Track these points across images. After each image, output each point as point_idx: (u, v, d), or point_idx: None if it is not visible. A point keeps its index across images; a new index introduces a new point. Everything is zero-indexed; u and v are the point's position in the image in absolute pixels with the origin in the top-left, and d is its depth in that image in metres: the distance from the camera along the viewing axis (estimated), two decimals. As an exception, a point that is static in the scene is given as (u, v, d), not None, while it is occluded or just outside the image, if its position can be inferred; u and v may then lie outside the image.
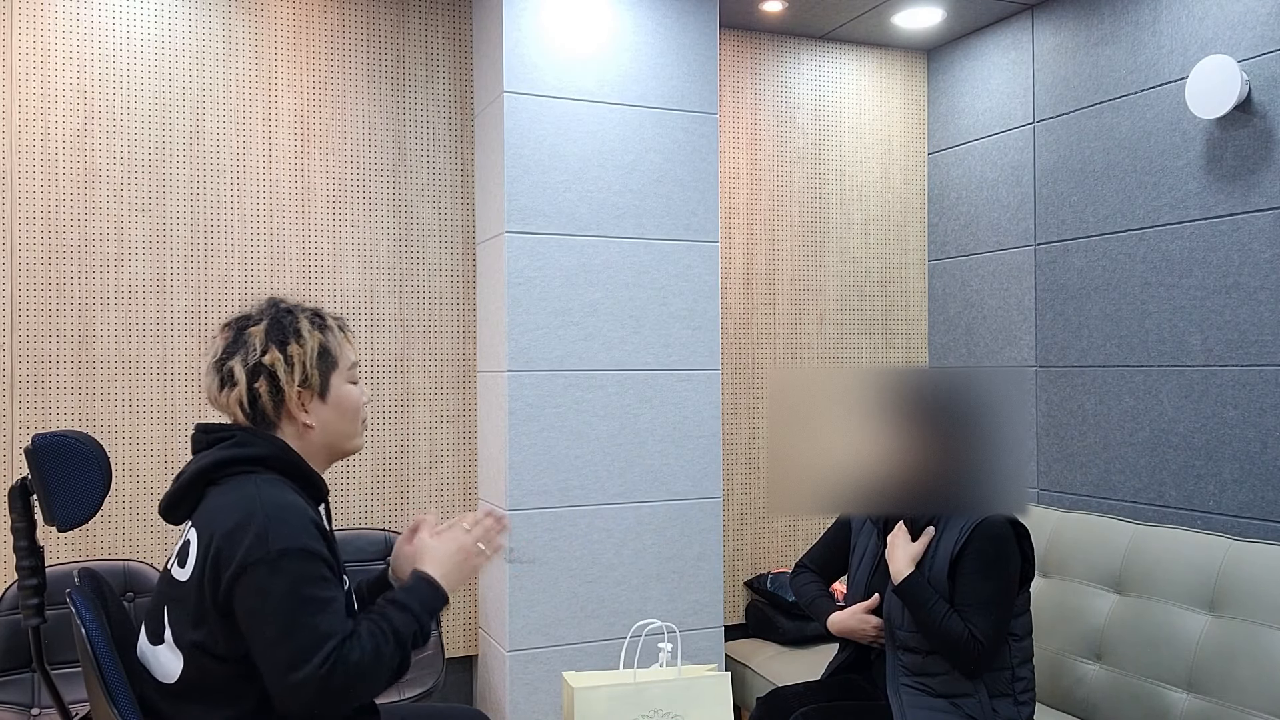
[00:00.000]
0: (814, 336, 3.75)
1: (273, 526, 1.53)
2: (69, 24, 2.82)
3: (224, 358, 1.68)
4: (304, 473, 1.68)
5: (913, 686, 2.21)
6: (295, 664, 1.48)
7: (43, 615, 1.78)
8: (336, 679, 1.49)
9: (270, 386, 1.66)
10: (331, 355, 1.72)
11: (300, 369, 1.67)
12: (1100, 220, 3.17)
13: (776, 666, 3.19)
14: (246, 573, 1.50)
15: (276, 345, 1.67)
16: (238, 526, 1.53)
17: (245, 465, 1.63)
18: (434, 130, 3.23)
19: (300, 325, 1.70)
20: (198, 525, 1.60)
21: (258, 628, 1.51)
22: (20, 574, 1.77)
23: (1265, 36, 2.69)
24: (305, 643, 1.49)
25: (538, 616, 2.98)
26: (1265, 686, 2.29)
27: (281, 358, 1.66)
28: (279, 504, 1.57)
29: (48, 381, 2.79)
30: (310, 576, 1.53)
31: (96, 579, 1.78)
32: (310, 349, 1.68)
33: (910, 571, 2.20)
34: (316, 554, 1.55)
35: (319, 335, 1.71)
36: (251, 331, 1.68)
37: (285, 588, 1.50)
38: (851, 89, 3.81)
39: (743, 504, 3.63)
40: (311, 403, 1.69)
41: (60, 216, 2.81)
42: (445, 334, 3.24)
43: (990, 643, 2.12)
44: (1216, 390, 2.81)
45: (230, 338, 1.70)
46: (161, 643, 1.61)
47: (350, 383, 1.75)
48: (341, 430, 1.74)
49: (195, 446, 1.70)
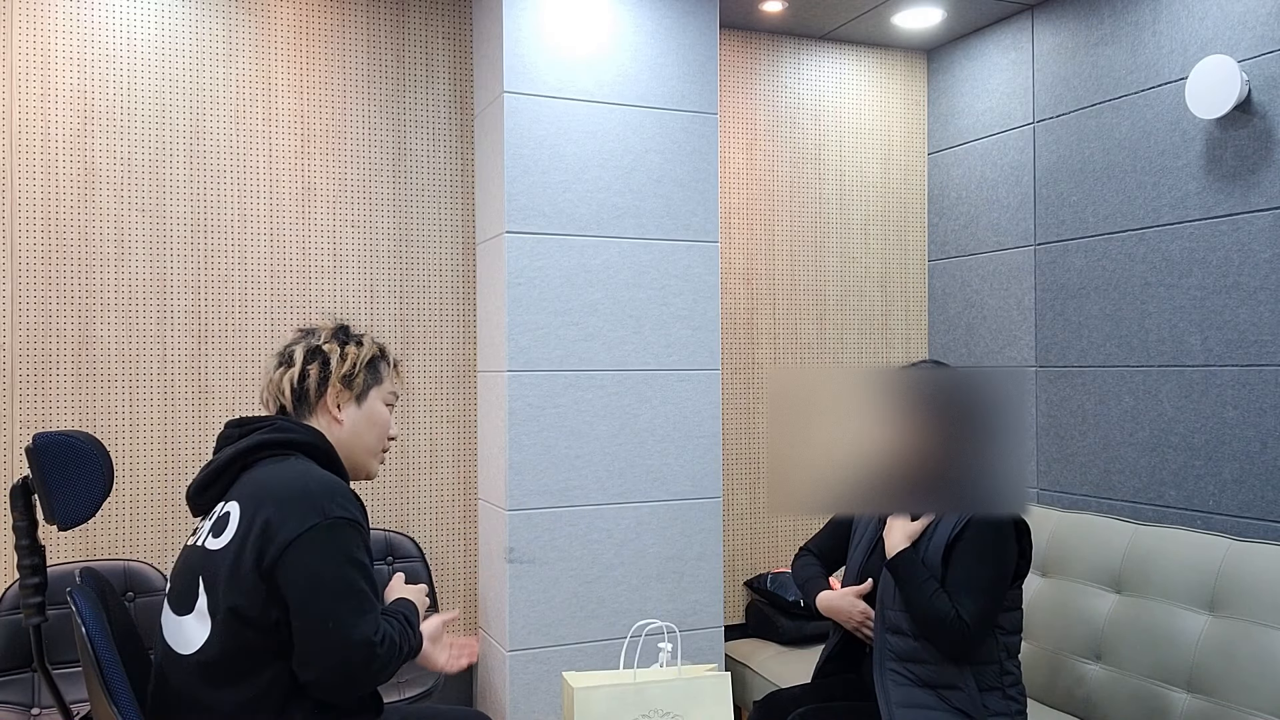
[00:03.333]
0: (814, 336, 3.75)
1: (326, 496, 1.61)
2: (69, 24, 2.82)
3: (290, 345, 1.86)
4: (335, 462, 1.78)
5: (899, 672, 2.20)
6: (354, 624, 1.55)
7: (44, 614, 1.78)
8: (383, 649, 1.59)
9: (320, 371, 1.80)
10: (379, 372, 1.88)
11: (350, 364, 1.82)
12: (1100, 220, 3.17)
13: (776, 666, 3.19)
14: (302, 538, 1.56)
15: (339, 341, 1.86)
16: (292, 497, 1.60)
17: (282, 449, 1.72)
18: (434, 130, 3.23)
19: (363, 339, 1.90)
20: (240, 498, 1.65)
21: (314, 591, 1.55)
22: (21, 573, 1.77)
23: (1265, 36, 2.69)
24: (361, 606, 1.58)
25: (538, 616, 2.98)
26: (1265, 686, 2.29)
27: (339, 350, 1.83)
28: (325, 478, 1.67)
29: (48, 381, 2.79)
30: (359, 546, 1.62)
31: (98, 578, 1.79)
32: (365, 354, 1.86)
33: (905, 547, 2.20)
34: (363, 527, 1.65)
35: (375, 350, 1.89)
36: (320, 328, 1.88)
37: (340, 554, 1.58)
38: (851, 89, 3.81)
39: (743, 504, 3.64)
40: (348, 403, 1.83)
41: (60, 216, 2.81)
42: (445, 334, 3.24)
43: (976, 627, 2.11)
44: (1216, 390, 2.81)
45: (300, 334, 1.89)
46: (189, 612, 1.64)
47: (387, 404, 1.90)
48: (365, 440, 1.85)
49: (224, 443, 1.77)
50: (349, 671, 1.56)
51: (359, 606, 1.57)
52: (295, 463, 1.69)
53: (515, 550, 2.95)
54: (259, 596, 1.56)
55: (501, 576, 3.00)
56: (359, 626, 1.56)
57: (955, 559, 2.17)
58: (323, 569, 1.56)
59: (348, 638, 1.55)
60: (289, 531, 1.56)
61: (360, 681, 1.59)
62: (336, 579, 1.57)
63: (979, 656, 2.17)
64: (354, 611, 1.56)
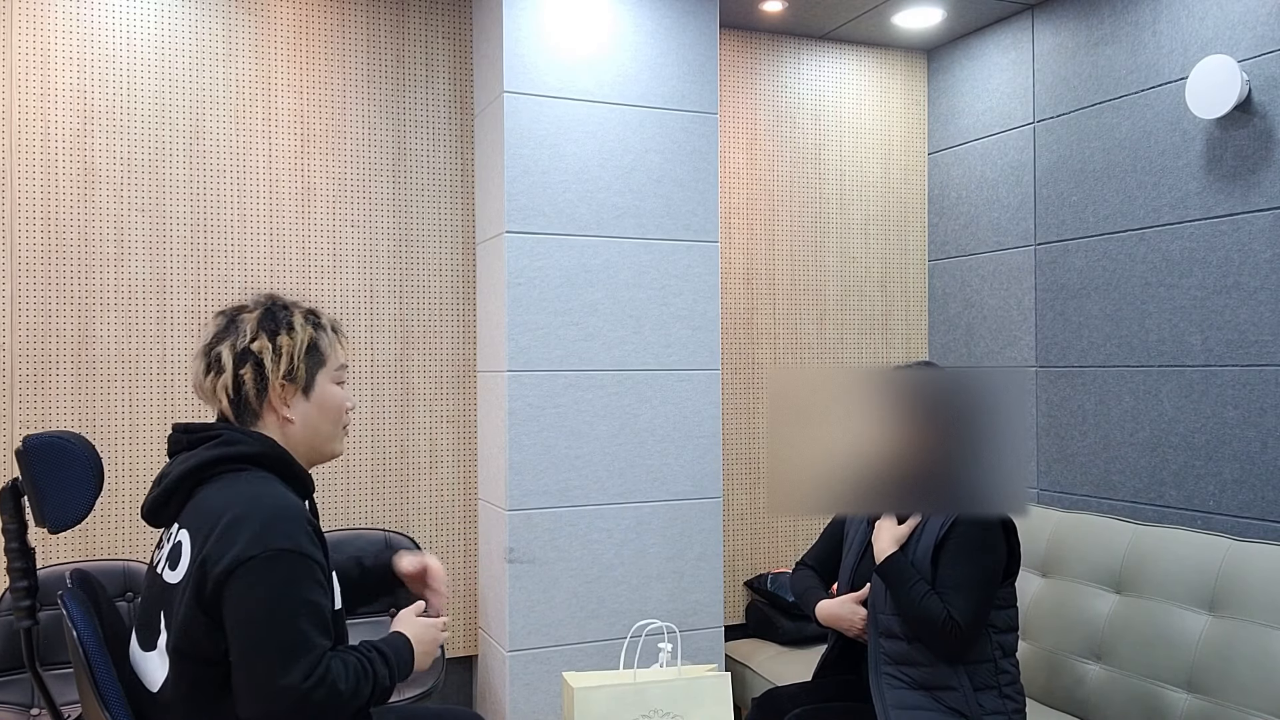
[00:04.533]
0: (814, 336, 3.75)
1: (269, 525, 1.49)
2: (69, 24, 2.82)
3: (213, 343, 1.66)
4: (293, 470, 1.66)
5: (893, 675, 2.20)
6: (284, 668, 1.44)
7: (34, 617, 1.75)
8: (319, 694, 1.46)
9: (255, 375, 1.64)
10: (320, 353, 1.70)
11: (287, 360, 1.65)
12: (1100, 220, 3.17)
13: (776, 667, 3.19)
14: (239, 570, 1.46)
15: (267, 334, 1.65)
16: (231, 524, 1.49)
17: (235, 464, 1.60)
18: (434, 130, 3.23)
19: (294, 319, 1.69)
20: (189, 526, 1.56)
21: (245, 629, 1.46)
22: (12, 576, 1.75)
23: (1265, 36, 2.69)
24: (295, 648, 1.46)
25: (538, 616, 2.98)
26: (1265, 686, 2.29)
27: (270, 347, 1.64)
28: (275, 504, 1.54)
29: (48, 381, 2.79)
30: (304, 580, 1.50)
31: (89, 580, 1.76)
32: (300, 342, 1.67)
33: (894, 551, 2.21)
34: (311, 558, 1.52)
35: (310, 331, 1.70)
36: (244, 318, 1.67)
37: (278, 589, 1.47)
38: (851, 89, 3.81)
39: (743, 504, 3.63)
40: (294, 397, 1.67)
41: (60, 216, 2.81)
42: (445, 334, 3.24)
43: (968, 626, 2.11)
44: (1216, 390, 2.81)
45: (222, 324, 1.68)
46: (154, 649, 1.57)
47: (336, 384, 1.73)
48: (322, 430, 1.71)
49: (174, 447, 1.67)
50: (279, 716, 1.45)
51: (292, 647, 1.45)
52: (247, 482, 1.57)
53: (515, 550, 2.95)
54: (202, 630, 1.48)
55: (501, 576, 3.00)
56: (291, 669, 1.44)
57: (944, 560, 2.17)
58: (257, 604, 1.45)
59: (271, 683, 1.44)
60: (226, 563, 1.46)
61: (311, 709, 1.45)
62: (269, 616, 1.45)
63: (972, 656, 2.17)
64: (287, 652, 1.44)
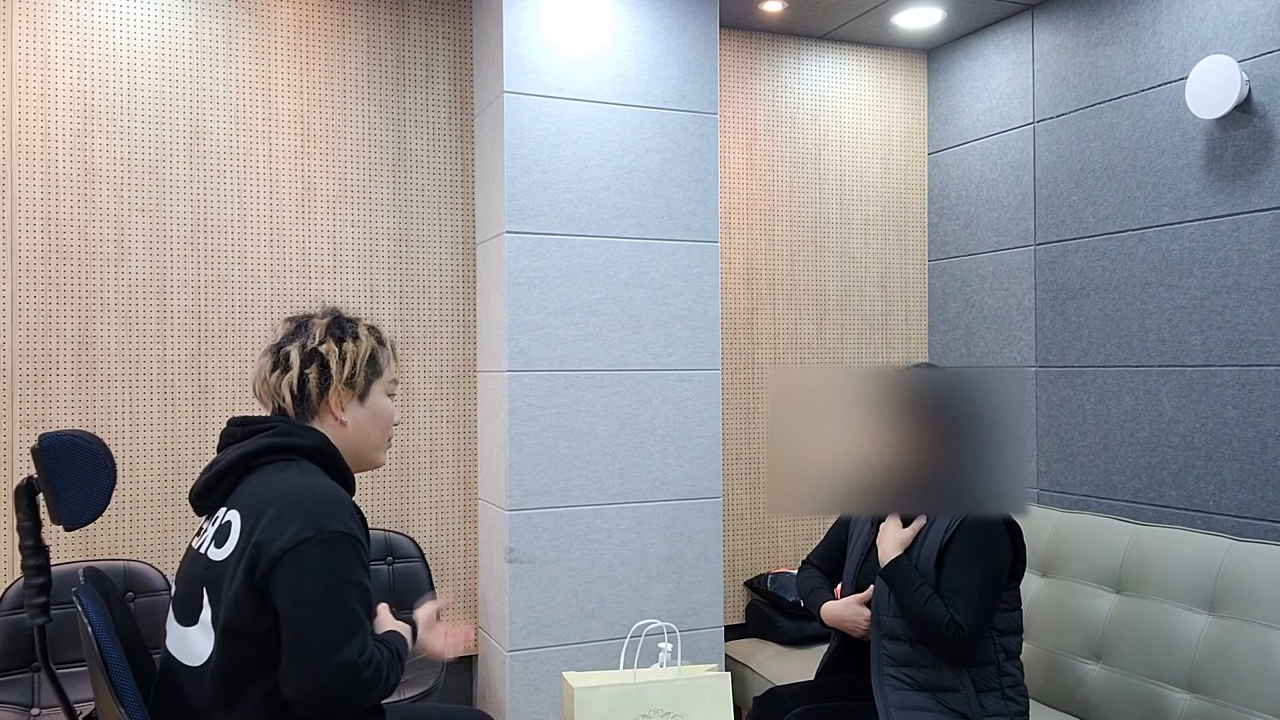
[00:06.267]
0: (814, 336, 3.75)
1: (325, 509, 1.57)
2: (69, 24, 2.82)
3: (283, 343, 1.78)
4: (340, 466, 1.74)
5: (896, 677, 2.20)
6: (338, 646, 1.51)
7: (48, 614, 1.78)
8: (368, 672, 1.55)
9: (320, 375, 1.74)
10: (379, 364, 1.82)
11: (350, 365, 1.76)
12: (1100, 220, 3.17)
13: (776, 666, 3.19)
14: (295, 551, 1.52)
15: (334, 339, 1.77)
16: (288, 508, 1.56)
17: (286, 454, 1.68)
18: (434, 130, 3.23)
19: (359, 329, 1.82)
20: (241, 507, 1.63)
21: (302, 609, 1.52)
22: (26, 573, 1.77)
23: (1265, 36, 2.69)
24: (349, 628, 1.54)
25: (538, 616, 2.98)
26: (1265, 686, 2.29)
27: (336, 350, 1.75)
28: (328, 490, 1.63)
29: (48, 381, 2.79)
30: (355, 562, 1.58)
31: (101, 578, 1.79)
32: (364, 350, 1.79)
33: (898, 555, 2.21)
34: (362, 544, 1.61)
35: (373, 342, 1.82)
36: (314, 323, 1.79)
37: (334, 571, 1.55)
38: (851, 89, 3.81)
39: (743, 504, 3.64)
40: (350, 402, 1.77)
41: (60, 216, 2.81)
42: (445, 334, 3.24)
43: (972, 631, 2.11)
44: (1216, 390, 2.81)
45: (292, 328, 1.80)
46: (195, 623, 1.62)
47: (388, 395, 1.84)
48: (371, 438, 1.81)
49: (226, 440, 1.75)
50: (330, 693, 1.52)
51: (347, 626, 1.53)
52: (297, 470, 1.65)
53: (515, 550, 2.95)
54: (252, 608, 1.53)
55: (501, 576, 3.00)
56: (346, 646, 1.52)
57: (948, 563, 2.17)
58: (313, 584, 1.52)
59: (331, 658, 1.51)
60: (283, 543, 1.52)
61: (341, 703, 1.54)
62: (327, 595, 1.53)
63: (975, 658, 2.17)
64: (342, 630, 1.52)
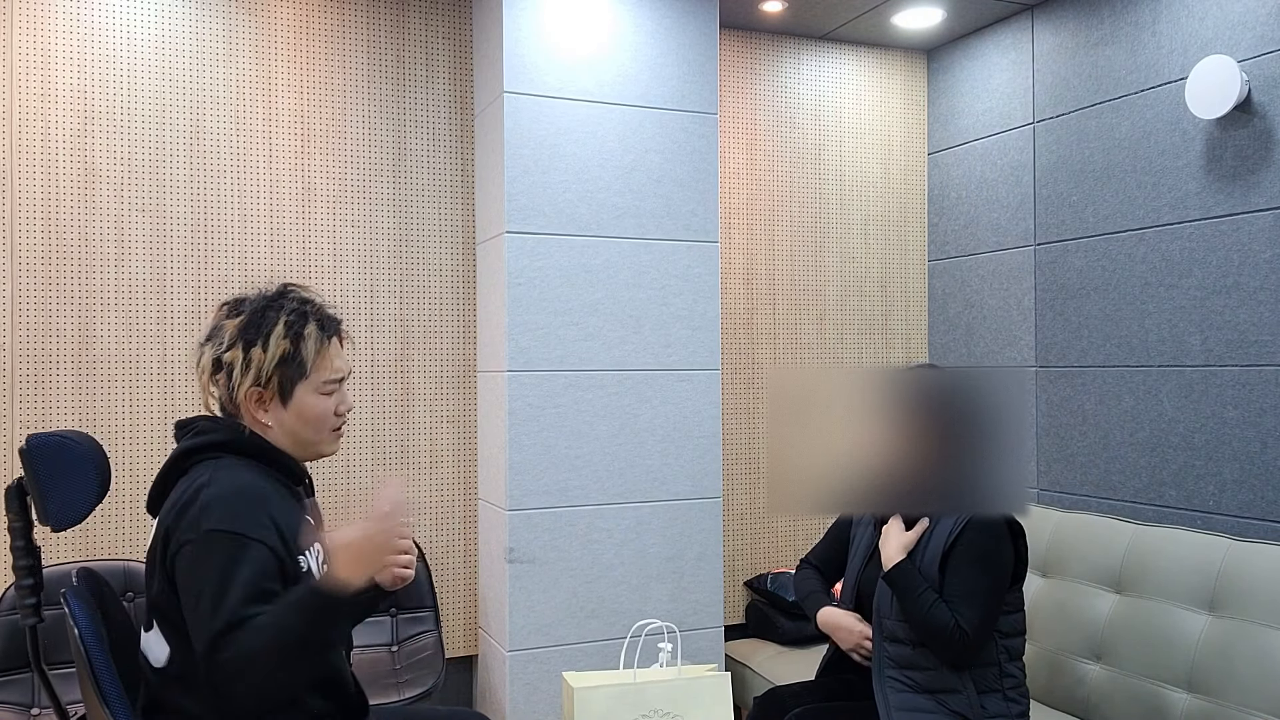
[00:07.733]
0: (814, 336, 3.75)
1: (208, 508, 1.58)
2: (69, 24, 2.82)
3: (205, 340, 1.76)
4: (271, 455, 1.73)
5: (898, 679, 2.20)
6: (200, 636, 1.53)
7: (40, 615, 1.78)
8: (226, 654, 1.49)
9: (228, 382, 1.72)
10: (301, 364, 1.73)
11: (255, 373, 1.70)
12: (1100, 220, 3.17)
13: (776, 666, 3.19)
14: (182, 549, 1.58)
15: (242, 345, 1.71)
16: (182, 507, 1.61)
17: (209, 452, 1.69)
18: (434, 130, 3.23)
19: (275, 329, 1.72)
20: (161, 512, 1.68)
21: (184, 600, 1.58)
22: (17, 574, 1.77)
23: (1265, 36, 2.69)
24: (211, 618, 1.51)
25: (538, 616, 2.98)
26: (1265, 686, 2.29)
27: (241, 358, 1.70)
28: (226, 488, 1.62)
29: (48, 381, 2.79)
30: (233, 559, 1.55)
31: (96, 579, 1.78)
32: (271, 356, 1.70)
33: (901, 559, 2.20)
34: (242, 536, 1.57)
35: (286, 345, 1.72)
36: (227, 325, 1.74)
37: (207, 566, 1.55)
38: (851, 89, 3.81)
39: (743, 504, 3.63)
40: (271, 404, 1.73)
41: (60, 216, 2.81)
42: (445, 334, 3.24)
43: (976, 635, 2.11)
44: (1216, 390, 2.81)
45: (215, 323, 1.77)
46: (151, 629, 1.67)
47: (322, 394, 1.75)
48: (303, 436, 1.77)
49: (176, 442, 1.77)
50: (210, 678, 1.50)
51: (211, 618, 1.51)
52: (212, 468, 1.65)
53: (515, 550, 2.95)
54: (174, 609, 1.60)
55: (501, 576, 3.00)
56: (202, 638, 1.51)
57: (952, 567, 2.17)
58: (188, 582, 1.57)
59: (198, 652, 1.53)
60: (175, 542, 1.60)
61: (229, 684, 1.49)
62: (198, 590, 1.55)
63: (977, 660, 2.17)
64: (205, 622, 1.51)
